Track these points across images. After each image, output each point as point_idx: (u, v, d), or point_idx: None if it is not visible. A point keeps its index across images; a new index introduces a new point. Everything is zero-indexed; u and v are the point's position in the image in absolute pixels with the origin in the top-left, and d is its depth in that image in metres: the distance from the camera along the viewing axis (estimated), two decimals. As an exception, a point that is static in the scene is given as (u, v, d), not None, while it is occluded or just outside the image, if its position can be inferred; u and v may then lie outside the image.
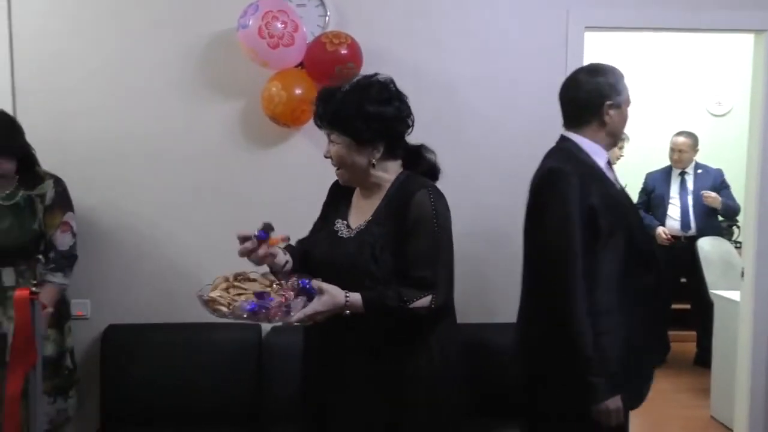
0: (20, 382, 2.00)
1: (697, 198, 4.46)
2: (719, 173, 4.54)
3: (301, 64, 2.65)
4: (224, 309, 1.63)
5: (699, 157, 4.63)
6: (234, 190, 2.77)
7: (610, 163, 2.08)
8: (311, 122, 1.89)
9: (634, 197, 4.57)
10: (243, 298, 1.66)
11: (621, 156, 4.45)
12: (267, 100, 2.59)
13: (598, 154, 2.02)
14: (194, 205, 2.78)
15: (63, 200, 2.47)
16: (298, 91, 2.55)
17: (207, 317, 2.67)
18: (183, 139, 2.77)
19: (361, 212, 1.83)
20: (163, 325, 2.75)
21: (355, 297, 1.67)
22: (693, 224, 4.48)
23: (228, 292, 1.69)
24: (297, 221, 1.94)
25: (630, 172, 4.65)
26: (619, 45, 5.36)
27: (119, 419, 2.65)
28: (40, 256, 2.43)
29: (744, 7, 2.91)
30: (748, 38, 3.18)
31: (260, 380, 2.66)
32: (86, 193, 2.71)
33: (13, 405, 2.01)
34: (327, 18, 2.71)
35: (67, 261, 2.43)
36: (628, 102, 2.08)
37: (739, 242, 3.10)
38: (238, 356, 2.68)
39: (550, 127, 2.80)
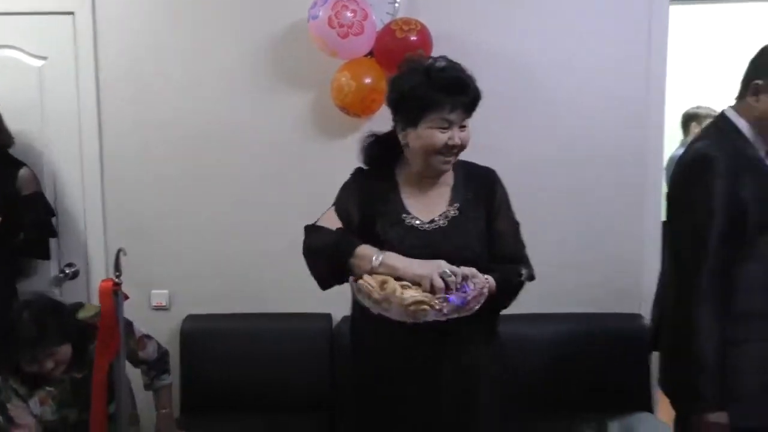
0: (105, 373, 2.07)
1: None
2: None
3: (370, 53, 2.62)
4: (430, 310, 1.52)
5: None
6: (305, 180, 2.77)
7: None
8: (381, 111, 1.86)
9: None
10: (406, 293, 1.53)
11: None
12: (337, 90, 2.58)
13: (756, 139, 1.77)
14: (267, 195, 2.81)
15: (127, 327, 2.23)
16: (367, 81, 2.52)
17: (281, 308, 2.77)
18: (255, 130, 2.79)
19: (429, 201, 1.75)
20: (239, 315, 2.81)
21: (491, 279, 1.62)
22: None
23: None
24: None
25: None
26: (709, 19, 5.08)
27: (197, 408, 2.71)
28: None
29: None
30: None
31: (333, 368, 2.69)
32: (164, 186, 2.79)
33: (99, 392, 2.08)
34: (396, 5, 2.67)
35: (162, 363, 2.41)
36: None
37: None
38: (310, 345, 2.71)
39: (631, 107, 2.71)
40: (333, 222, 1.74)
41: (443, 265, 1.57)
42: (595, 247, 2.78)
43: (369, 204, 1.74)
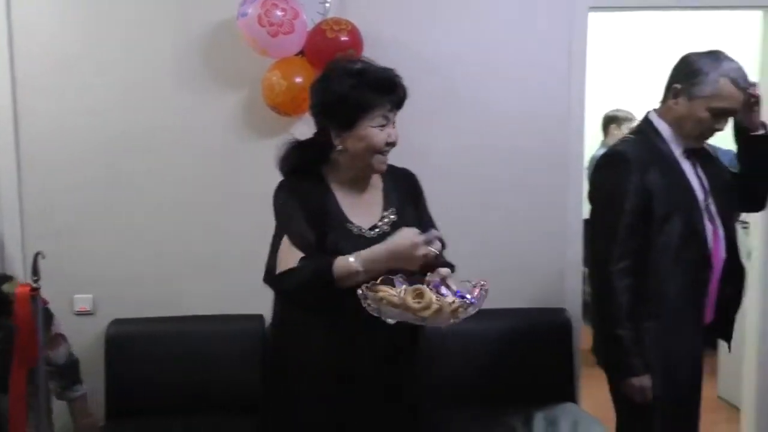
0: (24, 381, 1.99)
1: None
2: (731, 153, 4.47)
3: (301, 52, 2.61)
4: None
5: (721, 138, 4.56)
6: (235, 180, 2.73)
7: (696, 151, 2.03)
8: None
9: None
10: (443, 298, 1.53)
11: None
12: (267, 89, 2.56)
13: (674, 139, 1.99)
14: (196, 196, 2.75)
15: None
16: (298, 80, 2.51)
17: (210, 310, 2.72)
18: (184, 131, 2.73)
19: (366, 207, 1.75)
20: (167, 318, 2.74)
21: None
22: None
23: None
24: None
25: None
26: (627, 26, 5.31)
27: (125, 414, 2.63)
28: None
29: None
30: (755, 15, 3.12)
31: (265, 370, 2.64)
32: (88, 189, 2.70)
33: (18, 404, 2.00)
34: (327, 5, 2.66)
35: (72, 373, 2.31)
36: (706, 100, 1.90)
37: (747, 222, 3.07)
38: (242, 347, 2.67)
39: (552, 110, 2.81)
40: (293, 255, 1.64)
41: (411, 236, 1.59)
42: (520, 245, 2.85)
43: (315, 218, 1.68)
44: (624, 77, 5.51)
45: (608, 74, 5.49)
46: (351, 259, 1.58)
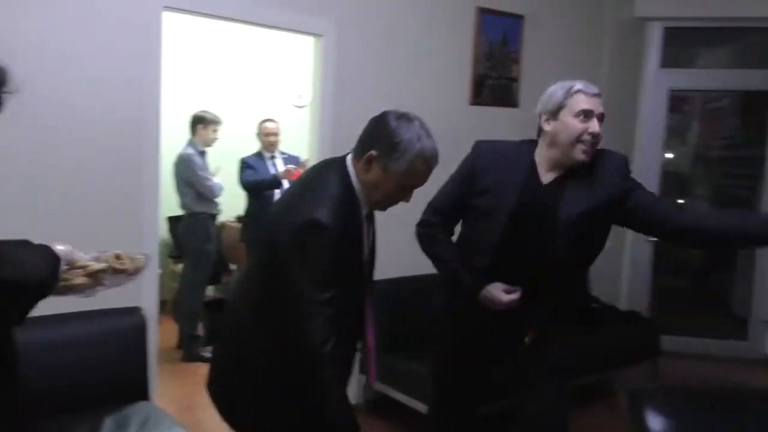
0: None
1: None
2: (298, 158, 4.97)
3: None
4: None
5: (284, 146, 5.05)
6: None
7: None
8: None
9: (228, 177, 4.78)
10: None
11: (216, 139, 4.62)
12: None
13: (363, 197, 1.82)
14: None
15: None
16: None
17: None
18: None
19: None
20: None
21: None
22: None
23: None
24: None
25: (223, 156, 4.88)
26: (213, 33, 5.52)
27: None
28: None
29: (306, 12, 3.28)
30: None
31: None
32: None
33: None
34: None
35: None
36: (400, 176, 1.76)
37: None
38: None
39: (129, 107, 2.79)
40: None
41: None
42: (96, 246, 2.74)
43: None
44: (216, 80, 5.75)
45: (202, 76, 5.68)
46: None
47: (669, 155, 5.13)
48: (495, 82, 4.14)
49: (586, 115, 2.10)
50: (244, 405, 1.84)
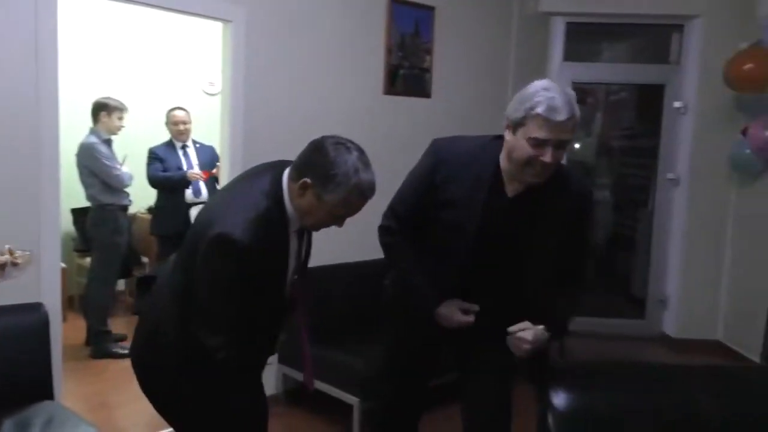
0: None
1: (203, 169, 4.69)
2: (213, 149, 4.88)
3: None
4: None
5: (196, 134, 4.92)
6: None
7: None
8: None
9: (139, 167, 4.61)
10: None
11: (122, 127, 4.46)
12: None
13: (293, 217, 1.82)
14: None
15: None
16: None
17: None
18: None
19: None
20: None
21: None
22: (204, 192, 4.69)
23: None
24: None
25: (134, 144, 4.72)
26: (121, 16, 5.31)
27: None
28: None
29: (216, -2, 3.22)
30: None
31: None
32: None
33: None
34: None
35: None
36: (331, 206, 1.77)
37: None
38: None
39: (23, 95, 2.64)
40: None
41: None
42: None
43: None
44: (125, 65, 5.53)
45: (109, 61, 5.45)
46: None
47: (576, 145, 5.38)
48: (408, 72, 4.19)
49: (540, 144, 1.88)
50: (155, 372, 1.96)
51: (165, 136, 4.83)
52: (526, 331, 2.03)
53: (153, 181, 4.67)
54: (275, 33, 3.51)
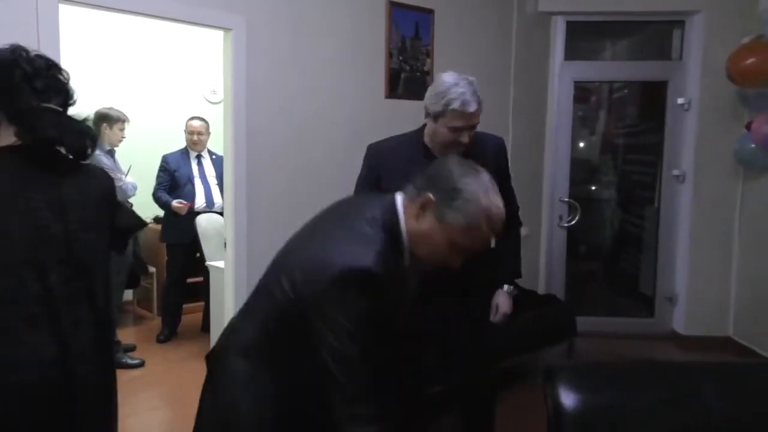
0: None
1: (220, 178, 4.66)
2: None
3: None
4: None
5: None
6: None
7: None
8: None
9: (142, 177, 4.63)
10: None
11: (123, 138, 4.47)
12: None
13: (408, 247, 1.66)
14: None
15: None
16: None
17: None
18: None
19: None
20: None
21: None
22: (218, 202, 4.75)
23: None
24: None
25: (134, 153, 4.72)
26: (123, 27, 5.32)
27: None
28: None
29: (214, 6, 3.22)
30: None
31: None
32: None
33: None
34: None
35: None
36: (456, 231, 1.53)
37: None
38: None
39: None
40: None
41: None
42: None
43: None
44: (127, 76, 5.55)
45: (112, 72, 5.46)
46: None
47: (580, 144, 5.36)
48: (409, 75, 4.19)
49: (458, 129, 2.29)
50: None
51: (168, 145, 4.85)
52: (500, 306, 2.42)
53: (153, 197, 4.76)
54: (275, 41, 3.52)
